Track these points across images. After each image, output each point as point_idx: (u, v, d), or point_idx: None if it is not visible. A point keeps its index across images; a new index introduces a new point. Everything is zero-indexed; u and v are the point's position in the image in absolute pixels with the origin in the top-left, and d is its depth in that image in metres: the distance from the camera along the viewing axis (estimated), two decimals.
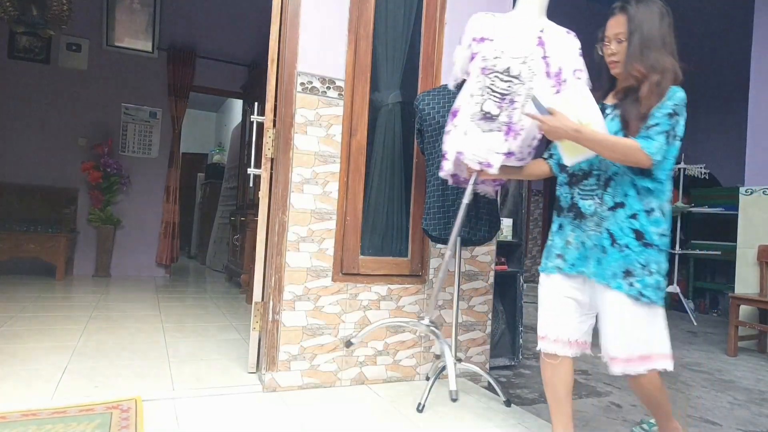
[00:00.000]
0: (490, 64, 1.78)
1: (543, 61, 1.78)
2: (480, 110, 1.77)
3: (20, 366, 2.37)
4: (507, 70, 1.76)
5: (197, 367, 2.53)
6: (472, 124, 1.79)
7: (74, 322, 3.26)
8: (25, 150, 5.11)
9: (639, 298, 1.57)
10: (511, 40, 1.79)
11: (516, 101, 1.76)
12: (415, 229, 2.58)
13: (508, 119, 1.76)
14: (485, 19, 1.88)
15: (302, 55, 2.33)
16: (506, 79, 1.76)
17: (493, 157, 1.76)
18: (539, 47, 1.79)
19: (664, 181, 1.61)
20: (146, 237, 5.60)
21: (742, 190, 3.99)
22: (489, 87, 1.77)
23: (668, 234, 1.64)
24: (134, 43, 5.46)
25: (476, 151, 1.77)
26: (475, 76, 1.82)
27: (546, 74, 1.78)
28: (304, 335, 2.35)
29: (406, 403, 2.24)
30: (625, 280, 1.58)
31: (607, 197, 1.63)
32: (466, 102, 1.82)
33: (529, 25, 1.84)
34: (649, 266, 1.58)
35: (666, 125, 1.54)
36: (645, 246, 1.58)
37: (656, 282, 1.58)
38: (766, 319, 3.71)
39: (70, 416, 1.87)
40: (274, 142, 2.39)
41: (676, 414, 2.37)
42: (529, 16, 1.87)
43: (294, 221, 2.33)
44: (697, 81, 6.82)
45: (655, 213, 1.60)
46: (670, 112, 1.55)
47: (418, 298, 2.59)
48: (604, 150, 1.55)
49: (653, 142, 1.52)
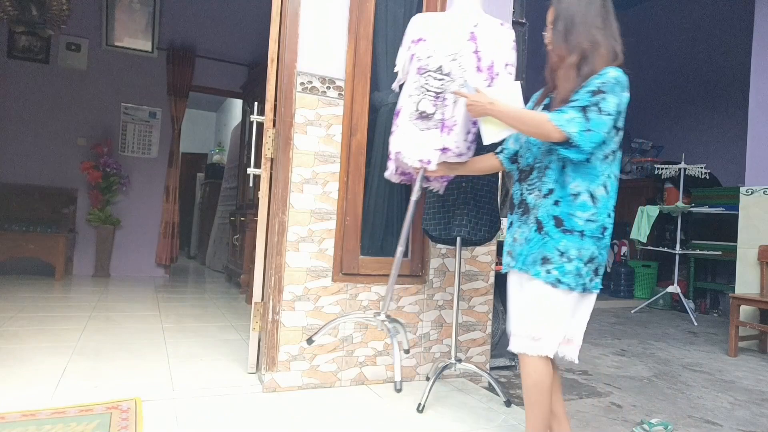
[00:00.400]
0: (424, 64, 1.83)
1: (474, 56, 1.81)
2: (416, 109, 1.82)
3: (19, 366, 2.36)
4: (439, 69, 1.81)
5: (197, 367, 2.52)
6: (410, 124, 1.83)
7: (73, 322, 3.26)
8: (24, 150, 5.10)
9: (556, 285, 1.56)
10: (444, 39, 1.84)
11: (447, 98, 1.80)
12: (415, 230, 2.58)
13: (441, 116, 1.80)
14: (422, 19, 1.92)
15: (302, 55, 2.33)
16: (439, 78, 1.81)
17: (431, 154, 1.81)
18: (471, 42, 1.83)
19: (597, 164, 1.58)
20: (146, 237, 5.60)
21: (742, 190, 3.98)
22: (424, 86, 1.82)
23: (600, 219, 1.60)
24: (134, 42, 5.46)
25: (415, 150, 1.81)
26: (412, 76, 1.87)
27: (477, 69, 1.80)
28: (304, 335, 2.34)
29: (406, 403, 2.23)
30: (542, 267, 1.58)
31: (543, 186, 1.65)
32: (406, 102, 1.86)
33: (463, 21, 1.87)
34: (567, 253, 1.56)
35: (585, 101, 1.52)
36: (564, 232, 1.57)
37: (576, 269, 1.57)
38: (766, 319, 3.71)
39: (70, 416, 1.86)
40: (273, 142, 2.39)
41: (675, 414, 2.37)
42: (466, 11, 1.89)
43: (294, 221, 2.33)
44: (697, 81, 6.84)
45: (582, 197, 1.58)
46: (594, 89, 1.53)
47: (418, 298, 2.59)
48: (516, 122, 1.61)
49: (563, 114, 1.52)
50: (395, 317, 2.37)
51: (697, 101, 6.45)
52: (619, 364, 3.22)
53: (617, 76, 1.54)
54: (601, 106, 1.51)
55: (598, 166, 1.59)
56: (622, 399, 2.55)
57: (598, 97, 1.52)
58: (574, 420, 2.24)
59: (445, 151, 1.82)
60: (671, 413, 2.39)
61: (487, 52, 1.84)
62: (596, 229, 1.59)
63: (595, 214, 1.59)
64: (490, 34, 1.88)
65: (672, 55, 6.78)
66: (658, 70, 6.96)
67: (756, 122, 3.95)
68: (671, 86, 6.78)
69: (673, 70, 6.75)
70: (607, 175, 1.61)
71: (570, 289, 1.58)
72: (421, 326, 2.59)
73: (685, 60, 6.61)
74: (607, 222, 1.62)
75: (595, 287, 1.64)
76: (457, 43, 1.82)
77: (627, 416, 2.32)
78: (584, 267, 1.58)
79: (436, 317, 2.62)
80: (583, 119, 1.51)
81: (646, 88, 7.13)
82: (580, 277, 1.58)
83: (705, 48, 6.37)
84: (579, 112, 1.52)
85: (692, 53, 6.52)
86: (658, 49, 6.94)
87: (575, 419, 2.25)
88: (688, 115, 6.53)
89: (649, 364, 3.24)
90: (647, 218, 5.29)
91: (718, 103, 6.17)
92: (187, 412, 1.99)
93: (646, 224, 5.28)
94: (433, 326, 2.62)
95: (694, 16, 6.55)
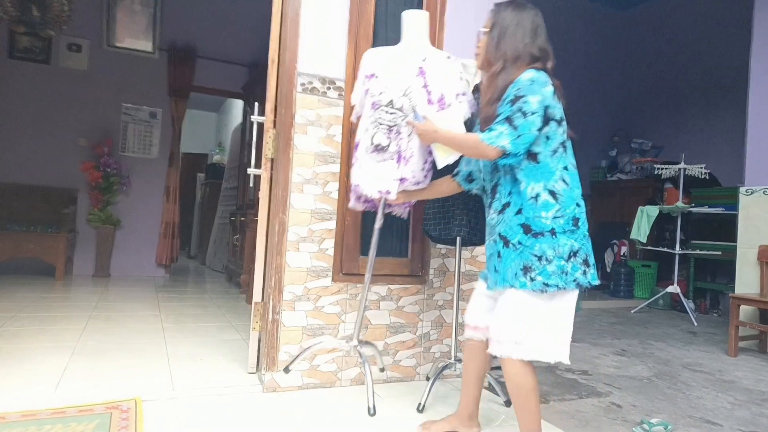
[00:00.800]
0: (377, 99, 1.94)
1: (424, 90, 1.92)
2: (371, 143, 1.92)
3: (20, 366, 2.36)
4: (390, 103, 1.92)
5: (197, 367, 2.53)
6: (367, 157, 1.94)
7: (74, 322, 3.26)
8: (24, 150, 5.11)
9: (545, 289, 1.58)
10: (394, 74, 1.94)
11: (402, 132, 1.91)
12: (416, 230, 2.58)
13: (397, 148, 1.91)
14: (372, 55, 2.02)
15: (302, 56, 2.33)
16: (391, 112, 1.91)
17: (390, 184, 1.91)
18: (420, 77, 1.93)
19: (547, 162, 1.63)
20: (146, 237, 5.60)
21: (742, 190, 3.98)
22: (377, 120, 1.92)
23: (568, 213, 1.61)
24: (134, 43, 5.46)
25: (373, 181, 1.91)
26: (367, 111, 1.96)
27: (428, 101, 1.92)
28: (304, 335, 2.35)
29: (407, 403, 2.24)
30: (526, 276, 1.59)
31: (496, 203, 1.73)
32: (363, 136, 1.96)
33: (412, 57, 1.97)
34: (545, 255, 1.58)
35: (507, 111, 1.59)
36: (535, 237, 1.60)
37: (558, 268, 1.58)
38: (766, 319, 3.71)
39: (70, 416, 1.87)
40: (274, 143, 2.39)
41: (675, 414, 2.37)
42: (413, 46, 2.00)
43: (294, 221, 2.33)
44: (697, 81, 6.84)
45: (543, 197, 1.61)
46: (512, 98, 1.59)
47: (418, 299, 2.59)
48: (456, 146, 1.76)
49: (491, 132, 1.59)
50: (367, 340, 2.39)
51: (696, 101, 6.45)
52: (618, 364, 3.22)
53: (531, 77, 1.60)
54: (524, 109, 1.57)
55: (549, 162, 1.63)
56: (622, 399, 2.55)
57: (519, 103, 1.58)
58: (573, 420, 2.25)
59: (403, 180, 1.93)
60: (671, 413, 2.39)
61: (436, 86, 1.95)
62: (566, 223, 1.61)
63: (560, 209, 1.61)
64: (438, 67, 1.98)
65: (671, 55, 6.78)
66: (657, 70, 6.96)
67: (755, 122, 3.95)
68: (671, 86, 6.78)
69: (673, 70, 6.75)
70: (562, 168, 1.65)
71: (561, 288, 1.58)
72: (421, 326, 2.60)
73: (685, 60, 6.61)
74: (576, 212, 1.63)
75: (593, 278, 1.63)
76: (407, 78, 1.93)
77: (627, 416, 2.32)
78: (567, 263, 1.58)
79: (436, 317, 2.63)
80: (510, 129, 1.57)
81: (646, 88, 7.13)
82: (566, 275, 1.59)
83: (704, 48, 6.37)
84: (504, 124, 1.58)
85: (692, 53, 6.52)
86: (658, 49, 6.95)
87: (575, 419, 2.26)
88: (687, 115, 6.53)
89: (649, 364, 3.24)
90: (647, 218, 5.29)
91: (717, 103, 6.17)
92: (188, 412, 2.00)
93: (646, 224, 5.28)
94: (433, 326, 2.62)
95: (693, 16, 6.55)
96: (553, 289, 1.58)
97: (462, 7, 2.64)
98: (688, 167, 5.12)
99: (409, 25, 1.99)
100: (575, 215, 1.62)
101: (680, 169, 5.16)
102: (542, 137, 1.61)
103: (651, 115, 6.99)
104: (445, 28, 2.61)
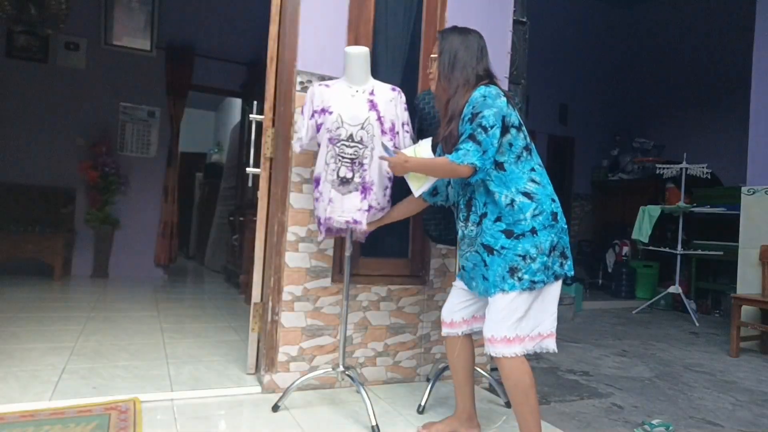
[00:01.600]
0: (335, 134, 2.01)
1: (378, 122, 2.05)
2: (337, 176, 2.01)
3: (18, 367, 2.35)
4: (350, 137, 2.01)
5: (196, 368, 2.51)
6: (333, 191, 2.01)
7: (72, 322, 3.24)
8: (22, 149, 5.08)
9: (533, 287, 1.65)
10: (348, 109, 2.03)
11: (365, 162, 2.02)
12: (416, 230, 2.56)
13: (360, 179, 2.02)
14: (321, 90, 2.09)
15: (301, 54, 2.32)
16: (352, 145, 2.01)
17: (358, 215, 2.01)
18: (373, 111, 2.05)
19: (513, 168, 1.70)
20: (144, 237, 5.58)
21: (744, 189, 3.97)
22: (339, 155, 2.01)
23: (545, 208, 1.68)
24: (132, 41, 5.43)
25: (341, 213, 2.01)
26: (324, 145, 2.04)
27: (382, 132, 2.06)
28: (303, 336, 2.33)
29: (407, 404, 2.22)
30: (513, 277, 1.65)
31: (473, 216, 1.78)
32: (323, 170, 2.03)
33: (359, 91, 2.08)
34: (529, 254, 1.65)
35: (469, 130, 1.67)
36: (518, 239, 1.66)
37: (542, 264, 1.65)
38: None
39: (69, 417, 1.86)
40: (273, 142, 2.37)
41: (676, 415, 2.36)
42: (359, 81, 2.09)
43: (293, 221, 2.31)
44: (699, 80, 6.83)
45: (518, 200, 1.67)
46: (470, 116, 1.68)
47: (418, 299, 2.57)
48: (430, 171, 1.82)
49: (459, 152, 1.66)
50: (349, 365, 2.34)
51: (698, 101, 6.44)
52: (620, 364, 3.21)
53: (482, 92, 1.69)
54: (483, 124, 1.64)
55: (516, 169, 1.71)
56: (624, 400, 2.54)
57: (478, 119, 1.65)
58: (574, 421, 2.23)
59: (370, 209, 2.04)
60: (672, 414, 2.38)
61: (387, 116, 2.08)
62: (545, 219, 1.67)
63: (538, 206, 1.68)
64: (385, 98, 2.10)
65: (673, 55, 6.77)
66: (660, 69, 6.95)
67: (757, 122, 3.94)
68: (673, 86, 6.77)
69: (675, 70, 6.74)
70: (530, 170, 1.73)
71: (544, 284, 1.66)
72: (422, 327, 2.58)
73: (687, 59, 6.59)
74: (553, 207, 1.71)
75: (569, 270, 1.72)
76: (361, 112, 2.04)
77: (628, 417, 2.31)
78: (548, 258, 1.66)
79: (437, 318, 2.61)
80: (475, 145, 1.64)
81: (647, 88, 7.12)
82: (548, 269, 1.67)
83: (706, 47, 6.36)
84: (469, 142, 1.65)
85: (694, 52, 6.51)
86: (660, 49, 6.93)
87: (576, 420, 2.25)
88: (689, 115, 6.52)
89: (650, 364, 3.22)
90: (649, 218, 5.28)
91: (719, 103, 6.16)
92: (186, 413, 1.98)
93: (648, 224, 5.26)
94: (433, 327, 2.60)
95: (695, 16, 6.54)
96: (540, 285, 1.66)
97: (462, 7, 2.63)
98: (689, 167, 5.11)
99: (353, 60, 2.08)
100: (553, 210, 1.70)
101: (682, 168, 5.14)
102: (505, 145, 1.70)
103: (653, 114, 6.98)
104: (446, 26, 2.59)
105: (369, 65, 2.13)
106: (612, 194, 6.91)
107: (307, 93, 2.14)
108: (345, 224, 2.04)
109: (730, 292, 4.12)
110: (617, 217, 6.65)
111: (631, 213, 5.83)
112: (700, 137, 6.29)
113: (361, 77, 2.10)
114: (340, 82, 2.13)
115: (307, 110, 2.10)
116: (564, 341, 3.77)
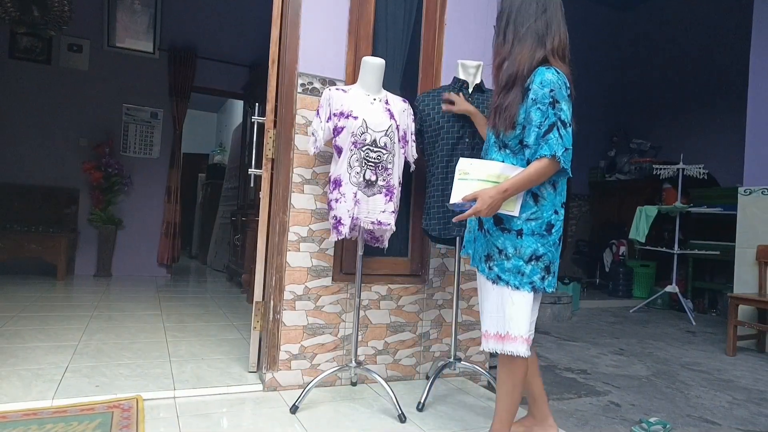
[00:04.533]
0: (360, 139, 2.08)
1: (397, 130, 2.16)
2: (363, 179, 2.09)
3: (21, 365, 2.38)
4: (374, 143, 2.09)
5: (198, 366, 2.54)
6: (360, 193, 2.09)
7: (75, 321, 3.27)
8: (26, 150, 5.12)
9: (497, 281, 1.63)
10: (372, 116, 2.10)
11: (389, 167, 2.12)
12: (415, 229, 2.59)
13: (385, 182, 2.12)
14: (339, 95, 2.13)
15: (303, 56, 2.34)
16: (376, 150, 2.09)
17: (383, 216, 2.13)
18: (392, 119, 2.14)
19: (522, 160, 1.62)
20: (147, 237, 5.61)
21: (740, 190, 3.99)
22: (364, 159, 2.08)
23: (544, 217, 1.60)
24: (135, 43, 5.47)
25: (368, 214, 2.11)
26: (348, 149, 2.08)
27: (399, 139, 2.17)
28: (305, 334, 2.36)
29: (406, 402, 2.24)
30: (486, 263, 1.66)
31: None
32: (346, 173, 2.09)
33: (376, 99, 2.17)
34: (506, 251, 1.61)
35: (551, 116, 1.54)
36: (502, 231, 1.63)
37: (515, 266, 1.60)
38: (764, 318, 3.72)
39: (71, 415, 1.88)
40: (274, 143, 2.40)
41: (674, 413, 2.38)
42: (372, 90, 2.18)
43: (294, 221, 2.34)
44: (696, 81, 6.84)
45: (524, 199, 1.61)
46: (549, 101, 1.54)
47: (418, 298, 2.60)
48: (532, 183, 1.57)
49: (549, 143, 1.53)
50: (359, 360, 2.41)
51: (695, 102, 6.46)
52: (617, 363, 3.23)
53: (559, 80, 1.55)
54: (563, 119, 1.54)
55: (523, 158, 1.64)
56: (621, 398, 2.57)
57: (557, 110, 1.53)
58: (572, 419, 2.26)
59: (394, 213, 2.16)
60: (670, 412, 2.40)
61: (401, 125, 2.18)
62: (538, 227, 1.61)
63: (537, 212, 1.61)
64: (398, 108, 2.21)
65: (671, 56, 6.79)
66: (657, 71, 6.96)
67: (754, 122, 3.96)
68: (670, 86, 6.79)
69: (672, 71, 6.76)
70: None
71: (514, 287, 1.60)
72: (421, 325, 2.61)
73: (684, 60, 6.61)
74: (553, 218, 1.62)
75: (549, 286, 1.63)
76: (384, 120, 2.12)
77: (626, 415, 2.33)
78: (525, 265, 1.60)
79: (436, 316, 2.64)
80: (557, 138, 1.52)
81: (645, 89, 7.14)
82: (522, 276, 1.60)
83: (704, 48, 6.38)
84: (555, 132, 1.52)
85: (691, 53, 6.53)
86: (657, 49, 6.95)
87: (573, 418, 2.27)
88: (686, 116, 6.54)
89: (647, 363, 3.25)
90: (646, 218, 5.30)
91: (716, 104, 6.18)
92: (189, 411, 2.01)
93: (645, 224, 5.29)
94: (432, 325, 2.63)
95: (693, 16, 6.56)
96: (503, 284, 1.61)
97: (462, 8, 2.66)
98: (686, 167, 5.13)
99: (371, 70, 2.16)
100: (550, 221, 1.62)
101: (679, 169, 5.17)
102: None
103: (650, 115, 7.00)
104: (445, 27, 2.62)
105: (383, 76, 2.19)
106: (609, 194, 6.93)
107: (323, 96, 2.16)
108: (371, 225, 2.12)
109: (727, 292, 4.15)
110: (614, 217, 6.68)
111: (628, 213, 5.86)
112: (696, 138, 6.31)
113: (376, 86, 2.18)
114: (356, 89, 2.18)
115: (324, 113, 2.12)
116: (562, 339, 3.80)
